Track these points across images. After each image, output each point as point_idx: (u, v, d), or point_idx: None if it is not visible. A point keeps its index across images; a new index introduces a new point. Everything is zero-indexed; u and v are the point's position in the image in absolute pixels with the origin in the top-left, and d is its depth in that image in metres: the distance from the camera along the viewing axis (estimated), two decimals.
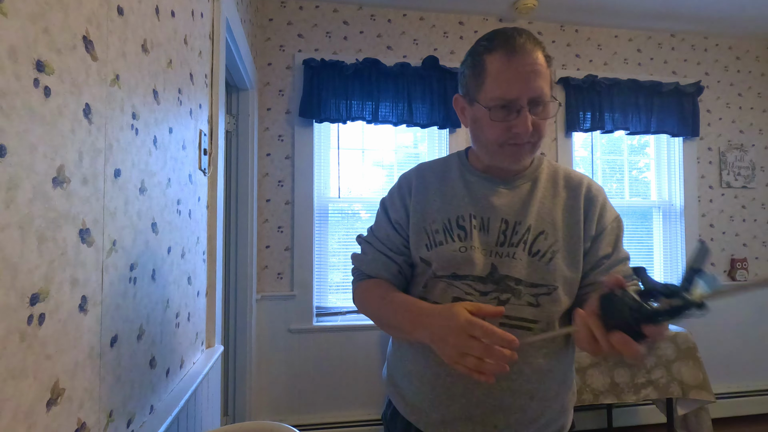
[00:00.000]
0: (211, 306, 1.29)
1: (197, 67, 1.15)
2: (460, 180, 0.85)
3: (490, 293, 0.76)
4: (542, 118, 0.74)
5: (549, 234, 0.78)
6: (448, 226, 0.81)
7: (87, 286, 0.61)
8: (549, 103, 0.74)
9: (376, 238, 0.88)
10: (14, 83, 0.46)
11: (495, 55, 0.72)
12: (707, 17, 2.56)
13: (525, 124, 0.72)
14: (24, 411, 0.48)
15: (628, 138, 2.73)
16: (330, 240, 2.40)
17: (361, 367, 2.32)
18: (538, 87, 0.71)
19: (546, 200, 0.81)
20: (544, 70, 0.72)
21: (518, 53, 0.71)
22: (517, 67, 0.71)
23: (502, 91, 0.72)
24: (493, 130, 0.75)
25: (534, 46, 0.72)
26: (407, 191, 0.86)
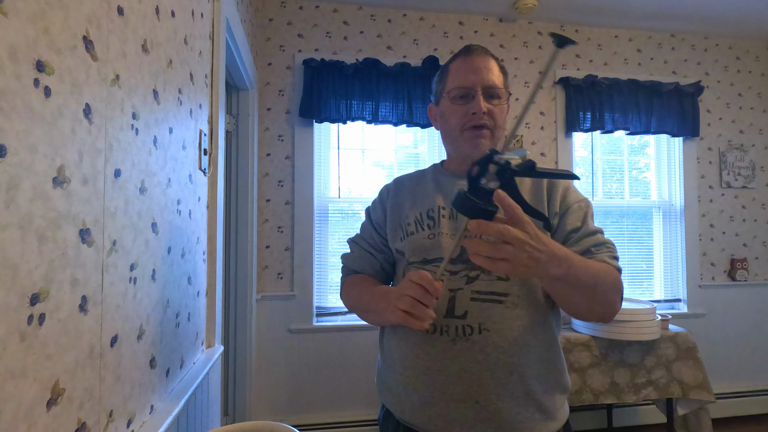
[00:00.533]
0: (211, 306, 1.29)
1: (197, 67, 1.15)
2: (433, 181, 0.95)
3: (460, 272, 0.82)
4: (496, 106, 0.86)
5: None
6: (419, 219, 0.89)
7: (87, 286, 0.61)
8: (502, 94, 0.87)
9: (362, 238, 0.99)
10: (14, 83, 0.46)
11: (456, 60, 0.89)
12: (707, 17, 2.56)
13: (478, 104, 0.84)
14: (24, 411, 0.48)
15: (628, 138, 2.73)
16: (330, 240, 2.40)
17: (361, 367, 2.32)
18: (489, 78, 0.85)
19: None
20: (496, 72, 0.87)
21: (473, 54, 0.87)
22: (472, 62, 0.86)
23: (460, 81, 0.86)
24: (455, 115, 0.87)
25: (487, 53, 0.87)
26: (386, 197, 0.98)
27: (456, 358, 0.78)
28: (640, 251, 2.70)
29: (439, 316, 0.80)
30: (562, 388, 0.84)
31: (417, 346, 0.82)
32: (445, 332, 0.80)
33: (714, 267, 2.72)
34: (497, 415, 0.76)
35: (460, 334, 0.79)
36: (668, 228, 2.72)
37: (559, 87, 2.59)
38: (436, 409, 0.79)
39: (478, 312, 0.79)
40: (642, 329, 1.88)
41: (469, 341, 0.78)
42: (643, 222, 2.72)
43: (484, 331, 0.78)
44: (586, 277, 0.68)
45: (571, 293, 0.71)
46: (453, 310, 0.80)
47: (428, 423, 0.79)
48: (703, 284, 2.68)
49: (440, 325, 0.80)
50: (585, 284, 0.69)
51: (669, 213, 2.72)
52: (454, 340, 0.79)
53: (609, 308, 0.75)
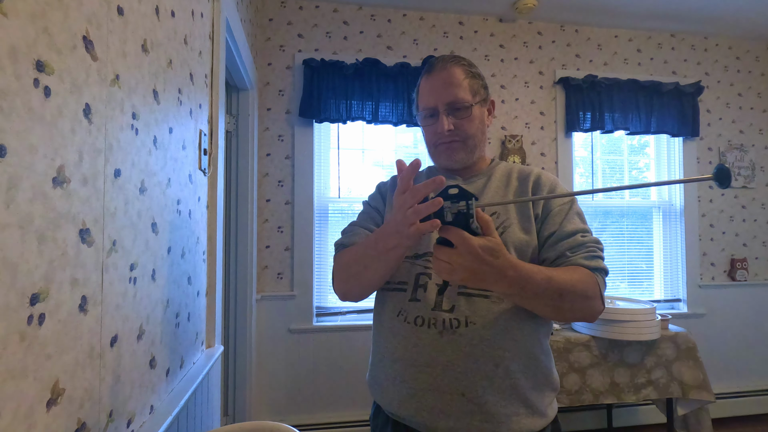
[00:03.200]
0: (211, 306, 1.29)
1: (197, 67, 1.15)
2: (424, 179, 0.97)
3: None
4: (462, 119, 0.87)
5: (500, 214, 0.87)
6: None
7: (87, 286, 0.61)
8: (469, 107, 0.87)
9: (359, 220, 0.99)
10: (14, 83, 0.46)
11: (422, 78, 0.92)
12: (707, 17, 2.56)
13: (441, 124, 0.87)
14: (24, 411, 0.48)
15: (628, 138, 2.73)
16: (330, 240, 2.40)
17: (361, 367, 2.32)
18: (450, 95, 0.86)
19: (499, 189, 0.91)
20: (458, 81, 0.87)
21: (434, 71, 0.89)
22: (432, 81, 0.89)
23: (424, 102, 0.90)
24: (427, 134, 0.93)
25: (448, 63, 0.88)
26: (384, 190, 1.01)
27: (443, 350, 0.79)
28: (640, 251, 2.70)
29: (427, 309, 0.82)
30: (551, 385, 0.85)
31: (405, 339, 0.83)
32: (432, 325, 0.81)
33: (714, 267, 2.72)
34: (483, 407, 0.77)
35: (447, 326, 0.80)
36: (668, 228, 2.72)
37: (559, 87, 2.59)
38: (423, 400, 0.80)
39: (466, 306, 0.80)
40: (642, 329, 1.88)
41: (456, 334, 0.79)
42: (643, 222, 2.72)
43: (471, 324, 0.79)
44: (548, 292, 0.71)
45: (531, 305, 0.74)
46: (441, 304, 0.82)
47: (415, 414, 0.80)
48: (703, 284, 2.68)
49: (428, 318, 0.81)
50: (546, 298, 0.71)
51: (669, 213, 2.72)
52: (441, 332, 0.80)
53: (581, 314, 0.77)
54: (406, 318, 0.84)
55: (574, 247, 0.81)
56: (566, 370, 1.90)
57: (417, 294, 0.84)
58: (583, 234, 0.84)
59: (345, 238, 0.95)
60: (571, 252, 0.81)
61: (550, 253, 0.83)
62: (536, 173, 0.92)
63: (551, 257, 0.83)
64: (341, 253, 0.92)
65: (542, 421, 0.81)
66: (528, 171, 0.93)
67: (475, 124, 0.88)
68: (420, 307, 0.83)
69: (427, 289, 0.83)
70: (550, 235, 0.84)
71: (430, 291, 0.83)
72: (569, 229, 0.84)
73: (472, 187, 0.92)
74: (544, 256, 0.85)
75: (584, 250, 0.81)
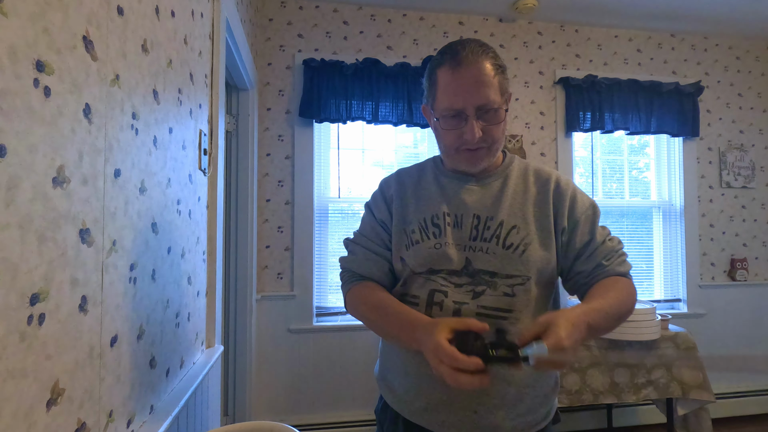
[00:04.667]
0: (211, 306, 1.29)
1: (197, 67, 1.15)
2: (434, 181, 0.90)
3: (465, 285, 0.81)
4: (492, 124, 0.79)
5: (521, 228, 0.82)
6: (423, 225, 0.85)
7: (87, 286, 0.61)
8: (498, 109, 0.78)
9: (365, 237, 0.92)
10: (14, 83, 0.46)
11: (443, 69, 0.79)
12: (707, 17, 2.56)
13: (471, 131, 0.78)
14: (24, 411, 0.48)
15: (628, 138, 2.73)
16: (330, 240, 2.40)
17: (360, 367, 2.32)
18: (482, 96, 0.76)
19: (517, 196, 0.86)
20: (489, 79, 0.77)
21: (462, 65, 0.77)
22: (461, 78, 0.77)
23: (449, 101, 0.78)
24: (448, 137, 0.82)
25: (479, 56, 0.77)
26: (389, 196, 0.92)
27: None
28: (640, 251, 2.70)
29: None
30: (555, 390, 0.87)
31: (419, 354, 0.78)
32: None
33: (714, 267, 2.72)
34: (492, 422, 0.79)
35: None
36: (668, 228, 2.72)
37: (559, 87, 2.59)
38: (435, 415, 0.81)
39: None
40: (642, 329, 1.88)
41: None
42: (643, 222, 2.72)
43: None
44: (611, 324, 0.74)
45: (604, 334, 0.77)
46: None
47: (427, 425, 0.82)
48: (703, 284, 2.68)
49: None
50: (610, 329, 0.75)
51: (669, 213, 2.72)
52: None
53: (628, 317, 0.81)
54: None
55: (607, 254, 0.82)
56: (566, 370, 1.90)
57: (432, 312, 0.81)
58: (610, 238, 0.85)
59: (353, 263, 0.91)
60: (606, 261, 0.82)
61: (586, 265, 0.83)
62: (554, 178, 0.87)
63: (588, 269, 0.83)
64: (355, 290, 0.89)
65: (544, 421, 0.84)
66: (545, 175, 0.88)
67: (501, 127, 0.81)
68: None
69: (443, 308, 0.80)
70: (584, 246, 0.83)
71: (446, 310, 0.80)
72: (599, 237, 0.84)
73: (489, 190, 0.86)
74: (580, 269, 0.84)
75: (616, 256, 0.83)
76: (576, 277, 0.85)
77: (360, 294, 0.88)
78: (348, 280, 0.92)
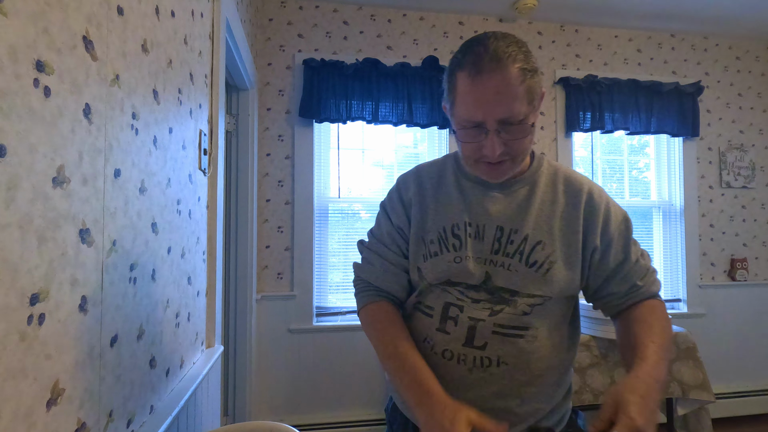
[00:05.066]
0: (211, 306, 1.29)
1: (197, 67, 1.15)
2: (455, 186, 0.83)
3: (483, 302, 0.77)
4: (516, 138, 0.70)
5: (546, 244, 0.76)
6: (443, 236, 0.80)
7: (87, 286, 0.61)
8: (523, 121, 0.69)
9: (383, 245, 0.86)
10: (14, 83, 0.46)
11: (463, 74, 0.70)
12: (707, 17, 2.56)
13: (492, 147, 0.70)
14: (24, 411, 0.48)
15: (628, 138, 2.73)
16: (330, 240, 2.40)
17: (361, 367, 2.32)
18: (505, 109, 0.67)
19: (544, 207, 0.79)
20: (514, 89, 0.67)
21: (483, 73, 0.67)
22: (481, 88, 0.67)
23: (468, 113, 0.70)
24: (466, 148, 0.74)
25: (503, 61, 0.67)
26: (407, 200, 0.85)
27: (471, 387, 0.77)
28: None
29: (456, 343, 0.77)
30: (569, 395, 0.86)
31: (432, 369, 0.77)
32: (462, 361, 0.76)
33: (714, 267, 2.72)
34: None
35: (477, 364, 0.76)
36: (668, 228, 2.72)
37: (559, 87, 2.59)
38: None
39: (499, 345, 0.75)
40: None
41: (486, 372, 0.76)
42: (643, 222, 2.71)
43: (503, 365, 0.75)
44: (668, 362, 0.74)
45: None
46: (472, 339, 0.76)
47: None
48: (703, 284, 2.68)
49: (458, 354, 0.77)
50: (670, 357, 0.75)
51: (669, 213, 2.72)
52: (471, 370, 0.76)
53: None
54: (433, 347, 0.79)
55: (641, 274, 0.79)
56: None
57: (446, 326, 0.78)
58: (642, 254, 0.80)
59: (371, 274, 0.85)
60: (641, 281, 0.78)
61: (620, 286, 0.78)
62: (587, 190, 0.80)
63: (622, 291, 0.79)
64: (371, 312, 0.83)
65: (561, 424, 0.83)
66: (577, 184, 0.80)
67: (529, 137, 0.72)
68: (449, 340, 0.77)
69: (458, 323, 0.77)
70: (618, 267, 0.78)
71: (461, 325, 0.76)
72: (633, 256, 0.79)
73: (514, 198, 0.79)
74: (613, 290, 0.79)
75: (649, 274, 0.79)
76: (608, 298, 0.81)
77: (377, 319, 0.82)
78: (364, 291, 0.87)
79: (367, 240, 0.90)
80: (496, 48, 0.67)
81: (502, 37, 0.69)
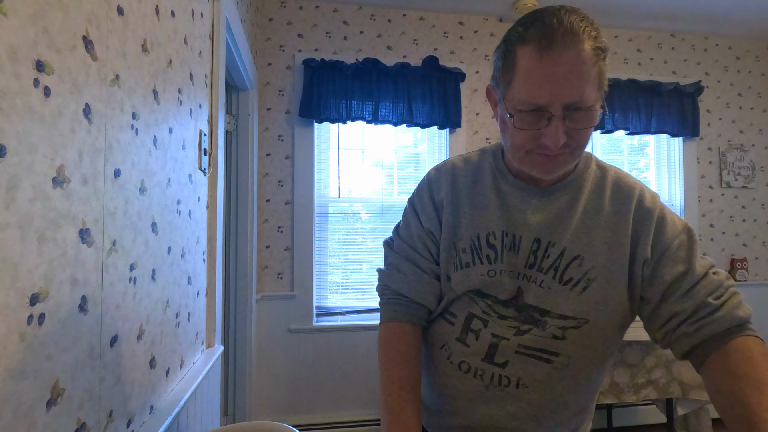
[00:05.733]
0: (211, 306, 1.29)
1: (197, 67, 1.15)
2: (492, 188, 0.74)
3: (510, 319, 0.69)
4: (582, 128, 0.60)
5: (585, 259, 0.67)
6: (476, 245, 0.72)
7: (87, 286, 0.61)
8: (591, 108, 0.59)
9: (414, 249, 0.77)
10: (14, 83, 0.46)
11: (527, 48, 0.58)
12: (707, 17, 2.56)
13: (555, 136, 0.59)
14: (24, 411, 0.48)
15: (628, 138, 2.73)
16: (330, 240, 2.40)
17: (361, 367, 2.32)
18: (576, 92, 0.57)
19: (587, 216, 0.69)
20: (587, 68, 0.57)
21: (555, 49, 0.56)
22: (551, 66, 0.57)
23: (531, 94, 0.59)
24: (520, 136, 0.63)
25: (579, 37, 0.56)
26: (439, 201, 0.76)
27: (486, 403, 0.72)
28: None
29: (475, 357, 0.71)
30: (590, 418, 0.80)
31: (446, 377, 0.75)
32: (479, 376, 0.72)
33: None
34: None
35: (495, 382, 0.71)
36: None
37: None
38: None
39: (521, 366, 0.69)
40: (642, 329, 1.87)
41: (503, 392, 0.71)
42: None
43: (522, 387, 0.70)
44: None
45: None
46: (493, 356, 0.70)
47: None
48: None
49: (475, 368, 0.72)
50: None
51: None
52: (488, 387, 0.71)
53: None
54: (449, 357, 0.75)
55: (714, 290, 0.62)
56: None
57: (467, 338, 0.72)
58: (714, 270, 0.64)
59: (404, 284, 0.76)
60: (714, 298, 0.62)
61: (684, 304, 0.62)
62: (637, 195, 0.69)
63: (687, 309, 0.62)
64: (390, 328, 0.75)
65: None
66: (627, 189, 0.70)
67: (591, 127, 0.62)
68: (467, 353, 0.72)
69: (479, 338, 0.71)
70: (678, 280, 0.64)
71: (482, 341, 0.71)
72: (700, 269, 0.64)
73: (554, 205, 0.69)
74: (674, 309, 0.63)
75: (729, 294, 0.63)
76: (671, 322, 0.64)
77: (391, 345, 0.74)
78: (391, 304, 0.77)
79: (394, 241, 0.81)
80: (571, 20, 0.57)
81: (573, 10, 0.59)
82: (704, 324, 0.61)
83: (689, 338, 0.62)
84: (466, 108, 2.50)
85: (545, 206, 0.70)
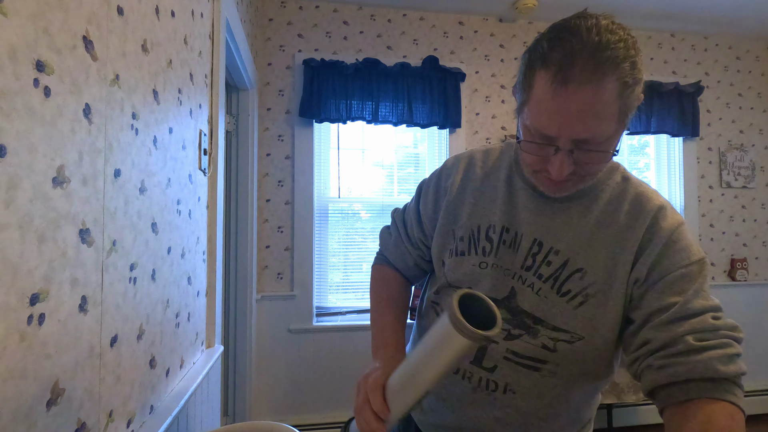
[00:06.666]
0: (211, 306, 1.29)
1: (197, 67, 1.15)
2: (505, 182, 0.73)
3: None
4: (590, 162, 0.58)
5: (587, 273, 0.64)
6: (474, 236, 0.72)
7: (87, 286, 0.61)
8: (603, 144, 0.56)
9: (404, 223, 0.85)
10: (14, 83, 0.46)
11: (545, 75, 0.55)
12: (707, 17, 2.56)
13: (559, 168, 0.57)
14: (24, 411, 0.48)
15: (628, 138, 2.73)
16: (330, 240, 2.40)
17: (361, 367, 2.32)
18: (588, 129, 0.54)
19: (598, 229, 0.66)
20: (605, 107, 0.53)
21: (570, 85, 0.52)
22: (564, 102, 0.53)
23: (540, 124, 0.56)
24: (528, 156, 0.62)
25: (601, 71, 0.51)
26: (445, 187, 0.77)
27: (473, 405, 0.72)
28: None
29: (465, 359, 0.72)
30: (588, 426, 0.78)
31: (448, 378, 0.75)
32: (467, 378, 0.71)
33: (714, 267, 2.72)
34: None
35: (483, 386, 0.70)
36: None
37: None
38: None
39: (509, 371, 0.68)
40: None
41: (490, 396, 0.70)
42: None
43: (509, 392, 0.69)
44: None
45: None
46: (481, 359, 0.70)
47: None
48: None
49: (463, 369, 0.72)
50: None
51: None
52: (475, 390, 0.71)
53: None
54: None
55: (700, 331, 0.55)
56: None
57: None
58: (715, 315, 0.56)
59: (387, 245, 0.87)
60: (697, 340, 0.54)
61: (659, 333, 0.57)
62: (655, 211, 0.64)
63: (659, 340, 0.56)
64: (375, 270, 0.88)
65: None
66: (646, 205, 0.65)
67: (603, 160, 0.58)
68: None
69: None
70: (663, 309, 0.58)
71: None
72: (697, 304, 0.56)
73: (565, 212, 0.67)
74: (648, 337, 0.58)
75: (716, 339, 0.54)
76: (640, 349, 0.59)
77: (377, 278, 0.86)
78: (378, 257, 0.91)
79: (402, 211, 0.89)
80: (595, 48, 0.52)
81: (606, 28, 0.53)
82: (671, 363, 0.55)
83: (653, 374, 0.57)
84: (466, 108, 2.50)
85: (554, 210, 0.68)
